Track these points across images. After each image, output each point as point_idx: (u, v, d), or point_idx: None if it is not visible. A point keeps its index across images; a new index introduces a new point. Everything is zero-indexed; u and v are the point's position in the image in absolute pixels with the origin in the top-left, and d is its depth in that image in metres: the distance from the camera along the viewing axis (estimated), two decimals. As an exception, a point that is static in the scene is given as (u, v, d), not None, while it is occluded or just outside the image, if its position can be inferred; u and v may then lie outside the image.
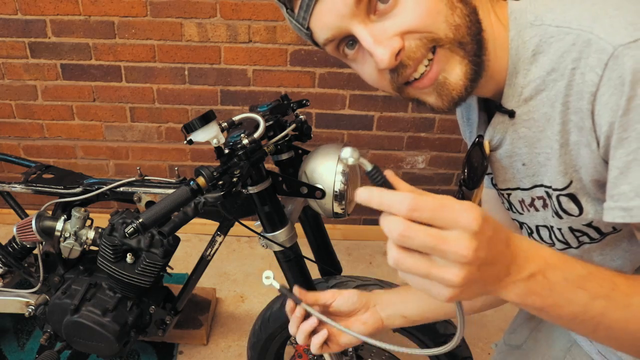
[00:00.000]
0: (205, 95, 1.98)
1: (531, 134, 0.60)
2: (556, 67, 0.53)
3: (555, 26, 0.53)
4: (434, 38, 0.55)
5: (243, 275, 2.08)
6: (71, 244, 1.25)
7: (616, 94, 0.48)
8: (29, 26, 1.83)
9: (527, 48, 0.56)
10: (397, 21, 0.55)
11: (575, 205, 0.61)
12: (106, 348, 1.27)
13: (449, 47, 0.55)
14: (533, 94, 0.57)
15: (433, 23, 0.54)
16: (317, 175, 1.00)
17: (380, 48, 0.54)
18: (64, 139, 2.10)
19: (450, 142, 2.09)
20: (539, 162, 0.62)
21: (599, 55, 0.48)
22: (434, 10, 0.54)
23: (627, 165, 0.49)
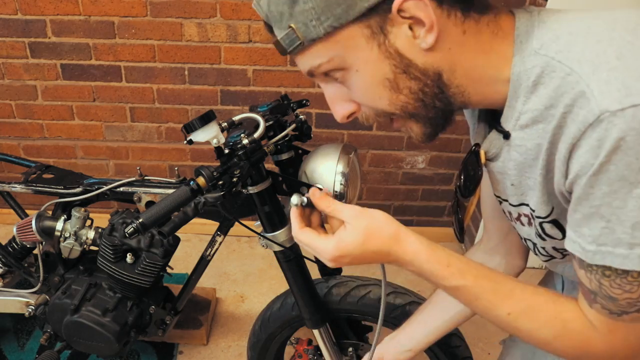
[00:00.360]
0: (205, 95, 1.98)
1: (521, 160, 0.61)
2: (554, 104, 0.54)
3: (558, 61, 0.53)
4: (386, 113, 0.62)
5: (243, 275, 2.08)
6: (71, 244, 1.25)
7: (591, 153, 0.49)
8: (29, 26, 1.83)
9: (529, 77, 0.56)
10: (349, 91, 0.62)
11: (558, 230, 0.63)
12: (106, 348, 1.27)
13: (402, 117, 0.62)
14: (529, 123, 0.57)
15: (378, 105, 0.61)
16: (317, 175, 1.00)
17: (335, 106, 0.65)
18: (64, 139, 2.10)
19: (450, 142, 2.09)
20: (527, 185, 0.63)
21: (587, 113, 0.49)
22: (377, 96, 0.60)
23: (589, 215, 0.53)
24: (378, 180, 2.20)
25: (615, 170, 0.49)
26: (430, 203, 2.27)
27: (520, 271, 0.93)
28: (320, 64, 0.59)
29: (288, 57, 1.88)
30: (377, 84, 0.59)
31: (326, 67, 0.59)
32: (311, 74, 0.62)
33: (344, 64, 0.58)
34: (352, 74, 0.59)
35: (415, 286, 1.95)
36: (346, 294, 1.18)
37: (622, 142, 0.47)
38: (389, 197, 2.26)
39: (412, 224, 2.34)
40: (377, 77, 0.58)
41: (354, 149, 1.07)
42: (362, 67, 0.58)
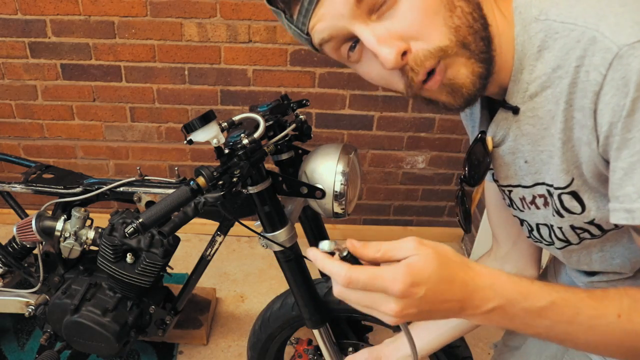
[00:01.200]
0: (205, 95, 1.98)
1: (535, 131, 0.60)
2: (561, 64, 0.53)
3: (560, 22, 0.53)
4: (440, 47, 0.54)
5: (243, 275, 2.08)
6: (71, 244, 1.25)
7: (619, 94, 0.47)
8: (29, 26, 1.83)
9: (533, 44, 0.55)
10: (398, 23, 0.54)
11: (577, 203, 0.61)
12: (106, 348, 1.27)
13: (455, 51, 0.54)
14: (538, 91, 0.57)
15: (432, 27, 0.53)
16: (317, 175, 1.00)
17: (385, 47, 0.54)
18: (64, 139, 2.10)
19: (450, 142, 2.09)
20: (542, 160, 0.62)
21: (604, 54, 0.48)
22: (432, 13, 0.53)
23: (631, 166, 0.49)
24: (378, 180, 2.20)
25: None
26: (430, 203, 2.27)
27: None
28: None
29: (288, 57, 1.88)
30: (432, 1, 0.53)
31: None
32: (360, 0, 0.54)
33: None
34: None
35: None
36: (346, 294, 1.18)
37: None
38: (389, 197, 2.26)
39: (412, 224, 2.34)
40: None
41: (354, 149, 1.07)
42: None
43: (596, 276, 0.73)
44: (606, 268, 0.69)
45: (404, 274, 0.49)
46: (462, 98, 0.58)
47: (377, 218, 2.31)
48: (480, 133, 0.67)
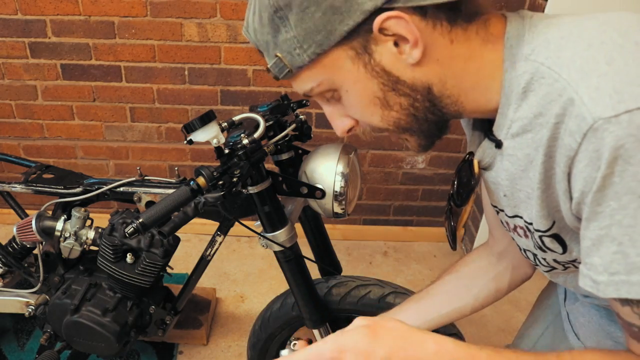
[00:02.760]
0: (205, 95, 1.98)
1: (513, 170, 0.59)
2: (543, 112, 0.52)
3: (547, 67, 0.51)
4: (382, 129, 0.63)
5: (243, 275, 2.08)
6: (71, 244, 1.25)
7: (591, 166, 0.47)
8: (29, 26, 1.83)
9: (519, 83, 0.54)
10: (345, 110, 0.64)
11: (559, 244, 0.60)
12: (106, 348, 1.27)
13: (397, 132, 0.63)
14: (520, 132, 0.56)
15: (372, 121, 0.62)
16: (317, 175, 1.00)
17: (335, 122, 0.67)
18: (64, 139, 2.10)
19: (450, 142, 2.09)
20: (519, 198, 0.61)
21: (579, 122, 0.47)
22: (369, 113, 0.61)
23: (599, 239, 0.49)
24: (378, 180, 2.20)
25: (621, 182, 0.45)
26: (430, 203, 2.27)
27: (527, 277, 0.90)
28: (311, 88, 0.61)
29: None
30: (367, 102, 0.59)
31: (318, 90, 0.61)
32: (307, 95, 0.64)
33: (334, 85, 0.60)
34: (343, 94, 0.61)
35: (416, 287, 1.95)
36: (346, 294, 1.18)
37: (621, 151, 0.44)
38: (389, 197, 2.26)
39: (412, 224, 2.34)
40: (367, 96, 0.59)
41: (354, 149, 1.07)
42: (351, 87, 0.59)
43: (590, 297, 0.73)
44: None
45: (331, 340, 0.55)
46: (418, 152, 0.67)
47: (377, 218, 2.31)
48: (469, 154, 0.67)
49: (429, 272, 2.14)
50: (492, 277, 0.89)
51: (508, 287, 0.89)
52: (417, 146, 0.64)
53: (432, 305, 0.93)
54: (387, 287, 1.18)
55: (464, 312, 0.91)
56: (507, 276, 0.89)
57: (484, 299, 0.89)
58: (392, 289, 1.18)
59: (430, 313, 0.92)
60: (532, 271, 0.90)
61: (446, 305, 0.91)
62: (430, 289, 0.94)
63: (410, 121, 0.60)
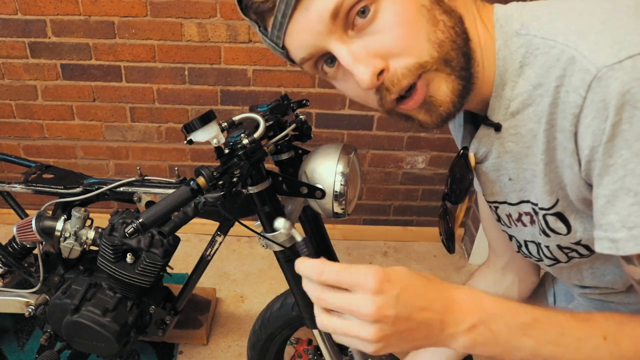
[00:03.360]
0: (205, 95, 1.98)
1: (518, 149, 0.58)
2: (542, 82, 0.51)
3: (540, 37, 0.51)
4: (420, 64, 0.52)
5: (243, 275, 2.08)
6: (71, 244, 1.25)
7: (599, 117, 0.46)
8: (29, 26, 1.83)
9: (514, 59, 0.53)
10: (377, 39, 0.51)
11: (563, 224, 0.59)
12: (106, 348, 1.27)
13: (435, 67, 0.52)
14: (520, 108, 0.55)
15: (415, 43, 0.51)
16: (317, 175, 1.00)
17: (360, 67, 0.51)
18: (64, 139, 2.10)
19: (450, 142, 2.09)
20: (526, 178, 0.60)
21: (583, 75, 0.46)
22: (415, 28, 0.50)
23: (613, 193, 0.47)
24: (378, 180, 2.20)
25: (631, 129, 0.44)
26: (430, 203, 2.27)
27: (534, 287, 0.89)
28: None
29: (288, 57, 1.88)
30: (415, 11, 0.50)
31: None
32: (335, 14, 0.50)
33: None
34: (386, 4, 0.50)
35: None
36: (346, 294, 1.18)
37: (627, 96, 0.43)
38: (389, 197, 2.26)
39: (412, 224, 2.34)
40: (415, 2, 0.50)
41: (354, 149, 1.07)
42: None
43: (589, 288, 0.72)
44: (598, 284, 0.68)
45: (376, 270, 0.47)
46: (439, 117, 0.56)
47: (377, 218, 2.31)
48: (463, 149, 0.65)
49: (429, 272, 2.13)
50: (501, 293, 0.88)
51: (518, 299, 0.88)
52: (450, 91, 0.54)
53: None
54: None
55: None
56: (515, 288, 0.87)
57: None
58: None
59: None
60: (538, 278, 0.89)
61: None
62: None
63: (452, 48, 0.52)
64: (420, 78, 0.53)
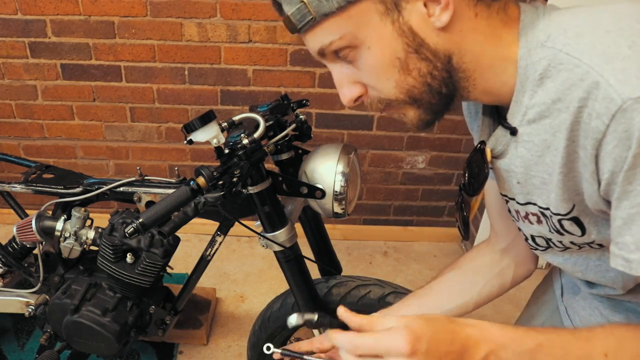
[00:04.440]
0: (205, 95, 1.98)
1: (529, 156, 0.60)
2: (562, 98, 0.52)
3: (565, 53, 0.51)
4: (387, 100, 0.61)
5: (243, 275, 2.08)
6: (71, 244, 1.25)
7: (621, 146, 0.47)
8: (29, 26, 1.83)
9: (535, 69, 0.54)
10: (358, 73, 0.61)
11: (578, 227, 0.61)
12: (106, 348, 1.27)
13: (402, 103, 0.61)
14: (536, 118, 0.56)
15: (384, 86, 0.60)
16: (317, 175, 1.00)
17: (343, 89, 0.63)
18: (64, 139, 2.10)
19: (450, 142, 2.09)
20: (534, 184, 0.62)
21: (607, 104, 0.47)
22: (384, 76, 0.59)
23: (630, 217, 0.50)
24: (378, 180, 2.20)
25: None
26: (430, 203, 2.27)
27: (530, 274, 0.91)
28: (331, 42, 0.57)
29: (288, 57, 1.88)
30: (387, 63, 0.57)
31: (337, 45, 0.57)
32: (322, 53, 0.60)
33: (356, 40, 0.57)
34: (363, 52, 0.58)
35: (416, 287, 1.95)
36: (346, 294, 1.18)
37: None
38: (389, 197, 2.26)
39: (412, 224, 2.34)
40: (388, 56, 0.57)
41: (354, 149, 1.07)
42: (374, 44, 0.56)
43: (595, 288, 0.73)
44: (599, 279, 0.69)
45: (405, 332, 0.51)
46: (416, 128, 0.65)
47: (377, 218, 2.31)
48: (480, 143, 0.67)
49: (429, 272, 2.13)
50: (496, 273, 0.89)
51: (511, 283, 0.90)
52: (417, 121, 0.63)
53: (434, 302, 0.92)
54: (387, 287, 1.18)
55: (467, 308, 0.91)
56: (510, 272, 0.89)
57: (488, 294, 0.89)
58: (392, 289, 1.18)
59: (432, 309, 0.92)
60: (535, 267, 0.91)
61: (449, 302, 0.91)
62: (432, 285, 0.94)
63: (423, 91, 0.59)
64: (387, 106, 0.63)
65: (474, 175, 0.69)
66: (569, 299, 0.82)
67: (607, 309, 0.74)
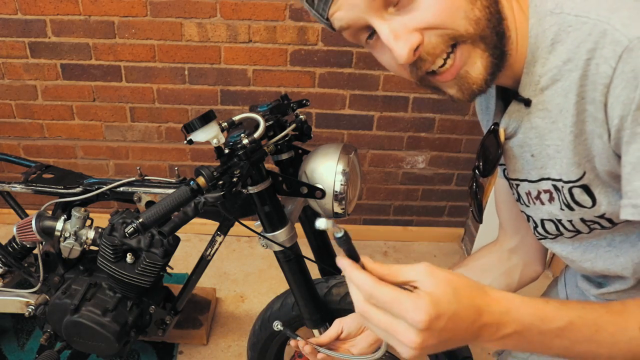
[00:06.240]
0: (205, 95, 1.98)
1: (543, 125, 0.60)
2: (572, 57, 0.53)
3: (574, 15, 0.53)
4: (455, 35, 0.54)
5: (243, 275, 2.08)
6: (71, 244, 1.25)
7: (629, 87, 0.47)
8: (29, 26, 1.83)
9: (546, 37, 0.55)
10: (416, 16, 0.54)
11: (588, 196, 0.61)
12: (106, 348, 1.27)
13: (470, 42, 0.55)
14: (549, 84, 0.57)
15: (453, 19, 0.54)
16: (317, 175, 1.00)
17: (399, 43, 0.54)
18: (64, 139, 2.10)
19: (450, 142, 2.09)
20: (548, 155, 0.62)
21: (614, 47, 0.48)
22: (454, 6, 0.53)
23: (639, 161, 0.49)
24: (378, 180, 2.20)
25: None
26: (430, 203, 2.27)
27: (537, 276, 0.90)
28: None
29: (288, 57, 1.88)
30: None
31: None
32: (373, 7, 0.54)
33: None
34: None
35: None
36: (346, 294, 1.18)
37: None
38: (389, 197, 2.26)
39: (412, 224, 2.34)
40: None
41: (354, 149, 1.07)
42: None
43: (604, 287, 0.73)
44: (608, 267, 0.68)
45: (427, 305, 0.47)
46: (470, 93, 0.58)
47: (377, 218, 2.31)
48: (494, 124, 0.67)
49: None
50: (503, 272, 0.89)
51: (518, 283, 0.90)
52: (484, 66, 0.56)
53: None
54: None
55: None
56: (517, 272, 0.89)
57: None
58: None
59: None
60: (542, 269, 0.90)
61: None
62: None
63: (488, 26, 0.55)
64: (455, 49, 0.55)
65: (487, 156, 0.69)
66: None
67: None
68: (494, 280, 0.89)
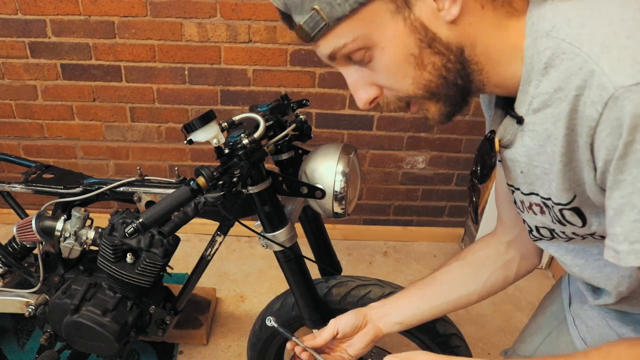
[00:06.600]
0: (205, 95, 1.98)
1: (532, 146, 0.61)
2: (563, 87, 0.53)
3: (568, 43, 0.52)
4: (405, 96, 0.62)
5: (243, 275, 2.08)
6: (71, 244, 1.25)
7: (613, 134, 0.48)
8: (29, 26, 1.83)
9: (540, 59, 0.55)
10: (372, 75, 0.61)
11: (579, 218, 0.61)
12: (106, 348, 1.27)
13: (422, 98, 0.61)
14: (540, 107, 0.57)
15: (400, 85, 0.60)
16: (317, 175, 1.00)
17: (358, 92, 0.63)
18: (64, 139, 2.10)
19: (450, 142, 2.09)
20: (535, 175, 0.63)
21: (600, 92, 0.48)
22: (401, 74, 0.59)
23: (621, 207, 0.50)
24: (378, 180, 2.20)
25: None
26: (430, 203, 2.27)
27: (533, 268, 0.91)
28: (344, 44, 0.58)
29: (288, 57, 1.88)
30: (402, 60, 0.58)
31: (351, 47, 0.58)
32: (333, 57, 0.60)
33: (369, 42, 0.57)
34: (377, 53, 0.58)
35: (415, 286, 1.95)
36: (346, 294, 1.18)
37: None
38: (389, 197, 2.26)
39: (412, 224, 2.34)
40: (403, 53, 0.57)
41: (354, 149, 1.07)
42: (388, 44, 0.57)
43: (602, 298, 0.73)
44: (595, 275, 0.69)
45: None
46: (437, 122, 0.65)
47: (377, 218, 2.31)
48: (490, 132, 0.68)
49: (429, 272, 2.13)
50: (501, 264, 0.90)
51: (515, 275, 0.90)
52: (439, 115, 0.63)
53: (438, 292, 0.92)
54: (387, 287, 1.18)
55: (470, 299, 0.91)
56: (515, 265, 0.89)
57: (492, 286, 0.90)
58: (392, 289, 1.18)
59: (435, 299, 0.92)
60: (539, 262, 0.91)
61: (453, 292, 0.91)
62: (435, 276, 0.94)
63: (440, 84, 0.59)
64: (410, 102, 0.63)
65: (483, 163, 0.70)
66: (577, 309, 0.82)
67: (614, 319, 0.74)
68: (492, 273, 0.90)
